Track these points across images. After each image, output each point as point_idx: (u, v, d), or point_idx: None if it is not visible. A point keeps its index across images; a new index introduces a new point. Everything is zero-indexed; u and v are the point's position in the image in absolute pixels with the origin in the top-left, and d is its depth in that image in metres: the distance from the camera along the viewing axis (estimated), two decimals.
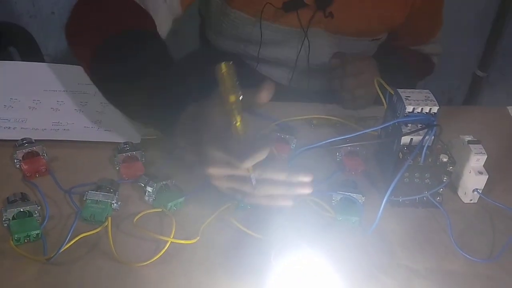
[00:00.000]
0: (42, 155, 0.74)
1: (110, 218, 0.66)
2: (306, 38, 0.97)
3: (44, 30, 1.64)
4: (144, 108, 0.71)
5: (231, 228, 0.68)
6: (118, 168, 0.75)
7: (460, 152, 0.76)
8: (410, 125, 0.72)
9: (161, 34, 0.82)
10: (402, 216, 0.73)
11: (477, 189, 0.75)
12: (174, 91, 0.69)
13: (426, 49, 1.14)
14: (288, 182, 0.64)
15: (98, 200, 0.68)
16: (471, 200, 0.76)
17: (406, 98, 0.73)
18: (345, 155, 0.80)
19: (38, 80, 0.90)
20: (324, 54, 0.99)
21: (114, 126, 0.82)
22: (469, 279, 0.65)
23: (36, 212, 0.65)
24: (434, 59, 1.16)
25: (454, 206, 0.75)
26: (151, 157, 0.77)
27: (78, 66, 0.94)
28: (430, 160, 0.71)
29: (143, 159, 0.76)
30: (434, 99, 0.73)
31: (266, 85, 0.62)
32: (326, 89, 0.96)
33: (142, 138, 0.80)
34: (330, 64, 0.94)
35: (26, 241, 0.63)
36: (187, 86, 0.69)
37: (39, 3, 1.62)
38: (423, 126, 0.71)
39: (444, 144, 0.73)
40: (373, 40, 1.04)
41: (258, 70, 1.05)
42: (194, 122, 0.65)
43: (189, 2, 0.91)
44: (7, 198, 0.67)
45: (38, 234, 0.64)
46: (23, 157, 0.73)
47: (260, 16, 0.95)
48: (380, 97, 0.80)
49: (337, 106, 0.93)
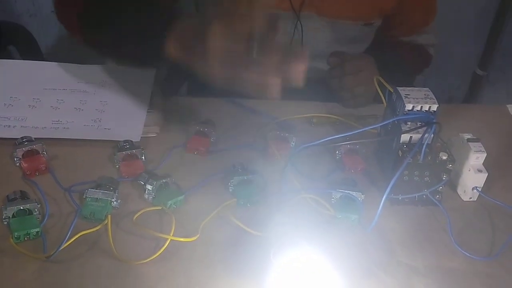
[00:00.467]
0: (42, 154, 0.74)
1: (110, 216, 0.66)
2: (298, 22, 0.97)
3: (44, 29, 1.64)
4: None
5: (231, 225, 0.68)
6: (118, 166, 0.75)
7: (459, 150, 0.76)
8: (409, 123, 0.72)
9: None
10: (402, 214, 0.73)
11: (476, 187, 0.75)
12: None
13: (420, 39, 1.11)
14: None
15: (97, 198, 0.68)
16: (471, 198, 0.76)
17: (405, 96, 0.73)
18: (344, 154, 0.80)
19: (38, 78, 0.90)
20: (317, 39, 0.98)
21: (114, 124, 0.82)
22: (468, 277, 0.65)
23: (36, 210, 0.65)
24: (431, 51, 1.14)
25: (454, 204, 0.75)
26: (151, 155, 0.78)
27: (78, 65, 0.94)
28: (429, 158, 0.71)
29: (143, 157, 0.76)
30: (434, 97, 0.73)
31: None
32: (325, 89, 0.95)
33: (142, 137, 0.80)
34: (328, 62, 0.94)
35: (26, 239, 0.63)
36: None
37: (39, 2, 1.62)
38: (423, 124, 0.71)
39: (443, 142, 0.73)
40: (366, 24, 1.03)
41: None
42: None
43: None
44: (7, 196, 0.67)
45: (38, 232, 0.64)
46: (23, 155, 0.73)
47: None
48: (379, 95, 0.80)
49: (337, 104, 0.93)
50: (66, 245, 0.62)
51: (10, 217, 0.64)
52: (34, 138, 0.75)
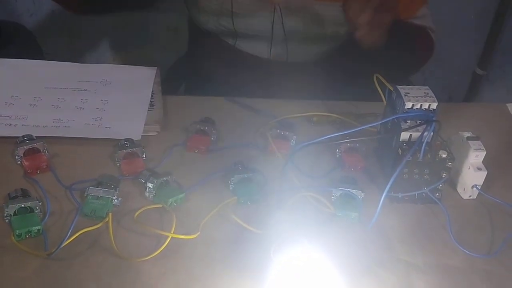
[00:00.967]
0: (43, 152, 0.74)
1: (110, 214, 0.66)
2: (277, 5, 0.95)
3: (44, 28, 1.64)
4: None
5: (231, 223, 0.68)
6: (118, 164, 0.75)
7: (459, 148, 0.76)
8: (409, 121, 0.72)
9: None
10: (401, 212, 0.73)
11: (476, 185, 0.75)
12: None
13: (416, 21, 1.04)
14: None
15: (98, 196, 0.68)
16: (470, 196, 0.76)
17: (405, 95, 0.73)
18: (344, 152, 0.80)
19: (39, 77, 0.90)
20: (298, 21, 0.97)
21: (115, 123, 0.82)
22: (467, 274, 0.66)
23: (37, 208, 0.66)
24: (432, 35, 1.06)
25: (453, 202, 0.76)
26: (152, 153, 0.78)
27: (79, 64, 0.95)
28: (429, 156, 0.71)
29: (144, 156, 0.76)
30: (433, 96, 0.73)
31: None
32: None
33: (142, 135, 0.80)
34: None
35: (27, 236, 0.64)
36: None
37: (40, 1, 1.62)
38: (422, 122, 0.72)
39: (443, 140, 0.74)
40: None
41: (237, 47, 1.04)
42: None
43: None
44: (9, 194, 0.67)
45: (39, 230, 0.64)
46: (24, 153, 0.74)
47: None
48: (379, 93, 0.80)
49: (337, 103, 0.93)
50: (67, 242, 0.63)
51: (12, 215, 0.65)
52: (35, 137, 0.75)
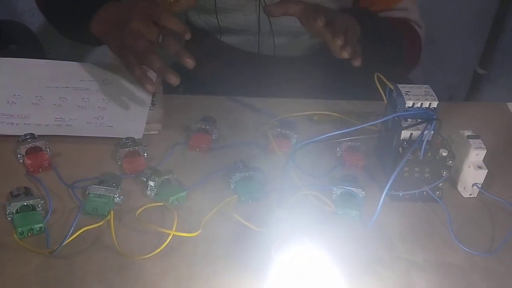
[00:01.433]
0: (45, 150, 0.74)
1: (112, 212, 0.67)
2: None
3: (45, 28, 1.64)
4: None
5: (232, 221, 0.68)
6: (120, 163, 0.75)
7: (459, 147, 0.76)
8: (409, 119, 0.73)
9: None
10: (402, 210, 0.74)
11: (476, 183, 0.75)
12: None
13: (400, 14, 1.03)
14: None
15: (100, 194, 0.68)
16: (471, 194, 0.77)
17: (406, 93, 0.73)
18: (345, 150, 0.80)
19: (41, 76, 0.90)
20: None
21: (116, 121, 0.83)
22: (468, 272, 0.66)
23: (39, 206, 0.66)
24: (418, 30, 1.04)
25: (454, 200, 0.76)
26: (153, 152, 0.78)
27: (81, 63, 0.95)
28: (429, 154, 0.72)
29: (145, 154, 0.77)
30: (434, 94, 0.73)
31: None
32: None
33: (144, 134, 0.80)
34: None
35: (29, 234, 0.64)
36: None
37: None
38: (423, 120, 0.72)
39: (443, 139, 0.74)
40: None
41: (224, 41, 1.04)
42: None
43: None
44: (11, 192, 0.67)
45: (41, 228, 0.64)
46: (26, 152, 0.74)
47: None
48: (380, 92, 0.80)
49: (338, 102, 0.93)
50: (69, 240, 0.63)
51: (14, 212, 0.65)
52: (37, 135, 0.76)
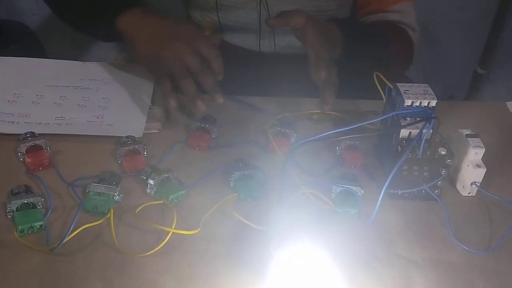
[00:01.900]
0: (45, 149, 0.75)
1: (112, 210, 0.67)
2: None
3: (46, 28, 1.65)
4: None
5: (232, 220, 0.69)
6: (120, 161, 0.76)
7: (458, 145, 0.76)
8: (408, 118, 0.73)
9: None
10: (401, 208, 0.74)
11: (475, 182, 0.76)
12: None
13: (393, 16, 1.02)
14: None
15: (100, 192, 0.69)
16: (469, 193, 0.77)
17: (404, 92, 0.73)
18: (344, 149, 0.81)
19: (41, 75, 0.91)
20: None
21: (116, 120, 0.83)
22: (466, 270, 0.66)
23: (39, 204, 0.66)
24: (410, 33, 1.03)
25: (453, 199, 0.76)
26: (153, 151, 0.78)
27: (81, 62, 0.95)
28: (428, 153, 0.72)
29: (145, 153, 0.77)
30: (433, 93, 0.74)
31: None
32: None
33: (144, 132, 0.81)
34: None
35: (29, 232, 0.64)
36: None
37: (42, 1, 1.63)
38: (421, 119, 0.72)
39: (442, 137, 0.74)
40: None
41: (224, 39, 1.05)
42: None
43: None
44: (11, 190, 0.68)
45: (41, 225, 0.65)
46: (27, 150, 0.74)
47: None
48: (379, 91, 0.80)
49: (338, 101, 0.93)
50: (69, 238, 0.63)
51: (14, 210, 0.65)
52: (38, 134, 0.76)
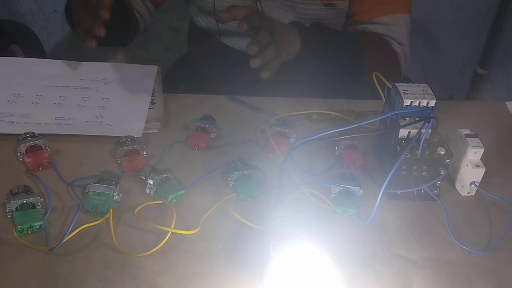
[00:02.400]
0: (45, 149, 0.75)
1: (111, 209, 0.67)
2: (258, 2, 0.97)
3: (46, 28, 1.65)
4: None
5: (231, 219, 0.69)
6: (119, 161, 0.76)
7: (457, 145, 0.76)
8: (407, 118, 0.73)
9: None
10: (400, 208, 0.74)
11: (474, 182, 0.76)
12: None
13: (375, 28, 1.01)
14: None
15: (100, 192, 0.69)
16: (469, 193, 0.77)
17: (404, 92, 0.73)
18: (344, 149, 0.81)
19: (41, 76, 0.91)
20: (280, 18, 0.98)
21: (116, 120, 0.83)
22: (465, 269, 0.66)
23: (39, 203, 0.66)
24: (395, 46, 1.02)
25: (452, 199, 0.76)
26: (152, 151, 0.79)
27: (81, 63, 0.95)
28: (427, 153, 0.72)
29: (145, 153, 0.77)
30: (432, 93, 0.74)
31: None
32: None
33: (143, 133, 0.81)
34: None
35: (29, 232, 0.64)
36: None
37: (42, 1, 1.63)
38: (420, 119, 0.72)
39: (441, 137, 0.74)
40: (326, 5, 0.99)
41: (224, 42, 1.06)
42: None
43: None
44: (11, 190, 0.68)
45: (41, 225, 0.65)
46: (26, 150, 0.74)
47: None
48: (378, 91, 0.80)
49: (337, 101, 0.94)
50: (68, 238, 0.63)
51: (14, 210, 0.65)
52: (37, 134, 0.76)
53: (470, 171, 0.75)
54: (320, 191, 0.73)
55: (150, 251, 0.63)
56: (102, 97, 0.87)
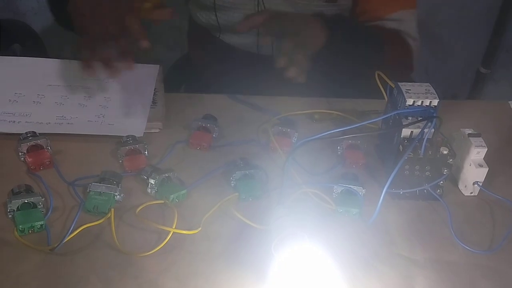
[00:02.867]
0: (46, 148, 0.75)
1: (113, 209, 0.67)
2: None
3: (48, 26, 1.65)
4: None
5: (233, 219, 0.68)
6: (121, 161, 0.76)
7: (460, 145, 0.76)
8: (410, 117, 0.73)
9: None
10: (403, 208, 0.74)
11: (477, 181, 0.75)
12: None
13: (393, 24, 1.01)
14: None
15: (101, 192, 0.69)
16: (472, 192, 0.76)
17: (406, 91, 0.73)
18: (346, 149, 0.80)
19: (43, 75, 0.91)
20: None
21: (117, 120, 0.83)
22: (468, 270, 0.66)
23: (40, 203, 0.66)
24: (411, 41, 1.02)
25: (455, 198, 0.76)
26: (154, 150, 0.78)
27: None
28: (430, 152, 0.72)
29: (146, 152, 0.77)
30: (435, 92, 0.73)
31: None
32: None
33: (145, 132, 0.81)
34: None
35: (30, 231, 0.64)
36: None
37: (43, 0, 1.63)
38: (423, 118, 0.72)
39: (444, 137, 0.74)
40: (328, 1, 0.99)
41: (224, 40, 1.05)
42: None
43: None
44: (12, 190, 0.67)
45: (42, 225, 0.65)
46: (28, 150, 0.74)
47: None
48: (380, 90, 0.80)
49: (339, 100, 0.93)
50: (69, 238, 0.63)
51: (15, 210, 0.65)
52: (39, 133, 0.76)
53: (473, 171, 0.75)
54: (322, 191, 0.72)
55: (152, 251, 0.63)
56: (103, 96, 0.87)
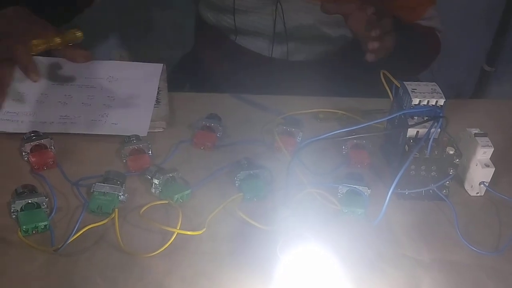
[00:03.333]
0: (49, 148, 0.74)
1: (117, 210, 0.67)
2: (278, 3, 0.96)
3: None
4: None
5: (237, 220, 0.68)
6: (125, 161, 0.75)
7: (466, 145, 0.76)
8: (416, 117, 0.72)
9: None
10: (408, 208, 0.73)
11: (483, 182, 0.75)
12: None
13: (423, 23, 1.05)
14: None
15: (105, 192, 0.68)
16: (478, 193, 0.76)
17: (412, 91, 0.72)
18: (351, 148, 0.80)
19: (46, 74, 0.90)
20: (300, 20, 0.97)
21: (121, 119, 0.82)
22: (474, 271, 0.65)
23: (44, 203, 0.66)
24: (438, 35, 1.07)
25: (461, 199, 0.75)
26: (158, 150, 0.78)
27: None
28: (436, 152, 0.71)
29: (150, 152, 0.76)
30: (441, 92, 0.73)
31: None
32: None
33: (149, 131, 0.80)
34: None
35: (34, 232, 0.64)
36: None
37: None
38: (429, 118, 0.71)
39: (450, 136, 0.73)
40: None
41: (238, 42, 1.05)
42: None
43: None
44: (15, 190, 0.67)
45: (46, 226, 0.64)
46: (31, 150, 0.74)
47: None
48: (386, 90, 0.79)
49: (343, 99, 0.93)
50: (73, 238, 0.63)
51: (19, 210, 0.65)
52: (42, 133, 0.76)
53: (480, 171, 0.74)
54: (327, 191, 0.72)
55: (156, 252, 0.63)
56: (107, 95, 0.87)
